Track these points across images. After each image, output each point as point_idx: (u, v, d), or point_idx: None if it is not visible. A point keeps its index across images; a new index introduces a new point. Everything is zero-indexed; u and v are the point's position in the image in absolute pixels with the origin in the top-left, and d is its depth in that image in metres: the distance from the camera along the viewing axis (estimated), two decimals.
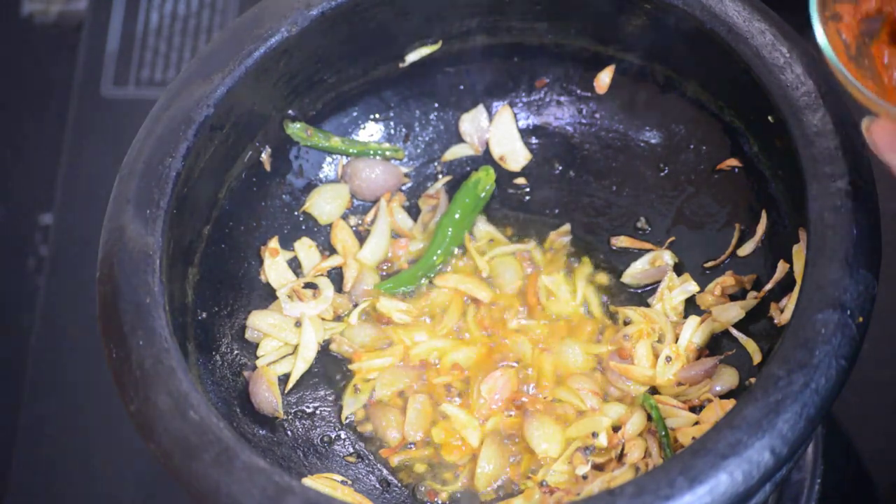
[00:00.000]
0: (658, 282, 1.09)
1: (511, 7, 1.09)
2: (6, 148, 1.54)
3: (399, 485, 1.05)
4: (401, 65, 1.12)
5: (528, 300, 1.10)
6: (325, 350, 1.09)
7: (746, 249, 1.07)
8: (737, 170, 1.09)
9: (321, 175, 1.14)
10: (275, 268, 1.10)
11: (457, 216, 1.12)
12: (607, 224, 1.13)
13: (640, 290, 1.10)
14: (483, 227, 1.13)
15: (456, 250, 1.12)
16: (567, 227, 1.12)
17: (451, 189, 1.14)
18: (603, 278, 1.11)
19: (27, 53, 1.57)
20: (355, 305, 1.11)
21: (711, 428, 0.88)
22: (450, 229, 1.12)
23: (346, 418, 1.07)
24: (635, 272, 1.10)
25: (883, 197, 0.97)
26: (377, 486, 1.04)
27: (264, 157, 1.11)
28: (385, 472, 1.05)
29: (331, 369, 1.09)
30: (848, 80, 0.87)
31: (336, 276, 1.12)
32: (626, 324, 1.08)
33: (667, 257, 1.09)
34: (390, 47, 1.11)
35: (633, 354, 1.06)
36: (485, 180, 1.13)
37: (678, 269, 1.09)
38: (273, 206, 1.12)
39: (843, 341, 0.90)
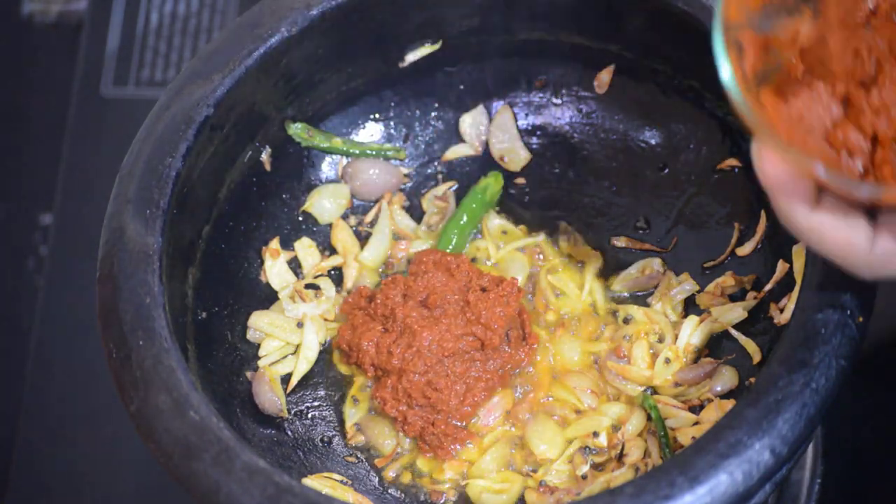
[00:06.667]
0: (647, 289, 1.09)
1: (511, 7, 1.09)
2: (6, 148, 1.54)
3: (398, 486, 1.04)
4: (401, 65, 1.12)
5: (535, 299, 1.10)
6: (325, 350, 1.09)
7: (746, 249, 1.07)
8: (737, 170, 1.09)
9: (321, 175, 1.14)
10: (276, 269, 1.10)
11: (463, 221, 1.12)
12: (607, 224, 1.12)
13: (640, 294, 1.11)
14: (496, 221, 1.13)
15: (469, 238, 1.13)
16: (563, 225, 1.13)
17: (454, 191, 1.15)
18: (603, 278, 1.11)
19: (27, 53, 1.57)
20: None
21: (711, 428, 0.88)
22: (454, 234, 1.12)
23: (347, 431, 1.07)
24: (625, 279, 1.10)
25: None
26: (377, 486, 1.04)
27: (264, 157, 1.10)
28: (382, 477, 1.05)
29: (331, 369, 1.09)
30: (744, 109, 0.79)
31: (336, 277, 1.12)
32: (625, 322, 1.08)
33: (657, 265, 1.09)
34: (390, 47, 1.11)
35: (631, 354, 1.06)
36: (493, 186, 1.13)
37: (677, 270, 1.09)
38: (273, 206, 1.12)
39: (843, 341, 0.90)
